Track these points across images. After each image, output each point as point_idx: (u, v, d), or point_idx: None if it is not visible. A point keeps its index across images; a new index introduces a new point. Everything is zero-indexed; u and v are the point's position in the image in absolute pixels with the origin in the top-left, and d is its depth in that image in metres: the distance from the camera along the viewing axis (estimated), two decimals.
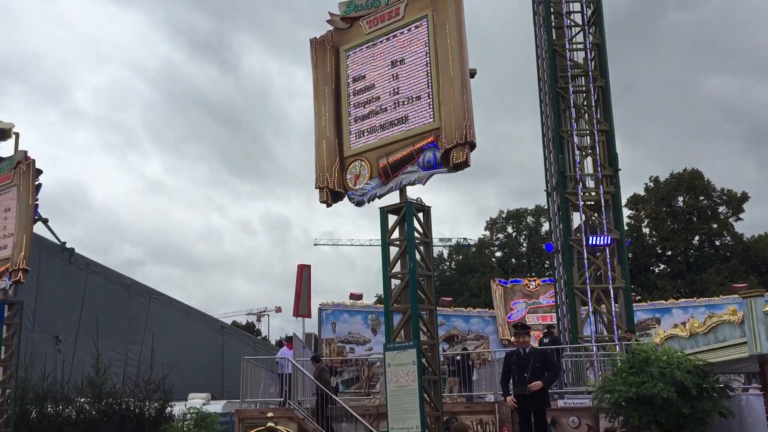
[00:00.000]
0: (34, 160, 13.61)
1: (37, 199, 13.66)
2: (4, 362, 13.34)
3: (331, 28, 9.62)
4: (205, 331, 32.12)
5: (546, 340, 15.80)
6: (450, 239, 55.14)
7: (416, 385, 8.06)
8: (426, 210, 8.85)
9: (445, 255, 54.26)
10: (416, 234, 8.60)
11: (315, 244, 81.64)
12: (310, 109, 9.33)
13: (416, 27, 8.67)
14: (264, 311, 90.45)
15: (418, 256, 8.64)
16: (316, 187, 9.31)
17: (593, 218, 18.12)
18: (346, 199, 9.22)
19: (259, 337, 54.20)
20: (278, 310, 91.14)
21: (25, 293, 15.96)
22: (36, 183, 13.59)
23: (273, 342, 55.95)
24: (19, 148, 14.22)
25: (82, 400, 14.96)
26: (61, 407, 14.87)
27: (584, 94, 18.97)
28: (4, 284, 13.37)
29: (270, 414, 11.00)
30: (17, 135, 14.07)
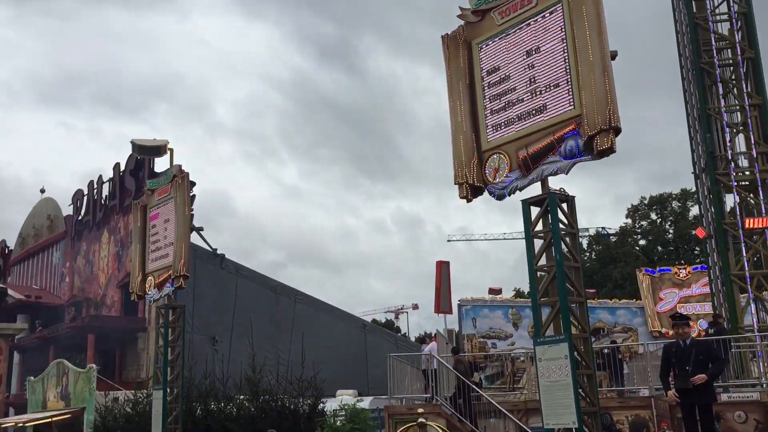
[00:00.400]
0: (188, 173, 14.52)
1: (192, 210, 14.55)
2: (172, 362, 14.31)
3: (461, 22, 9.57)
4: (348, 330, 33.02)
5: (711, 331, 14.92)
6: (587, 229, 53.36)
7: (570, 380, 7.86)
8: (570, 200, 8.60)
9: (584, 245, 52.56)
10: (561, 225, 8.38)
11: (448, 240, 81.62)
12: (436, 107, 9.43)
13: (550, 13, 8.44)
14: (401, 308, 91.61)
15: (564, 248, 8.42)
16: (455, 183, 9.29)
17: (749, 199, 16.91)
18: (485, 193, 9.16)
19: (399, 335, 54.90)
20: (415, 307, 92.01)
21: (183, 298, 17.12)
22: (191, 194, 14.49)
23: (413, 339, 56.53)
24: (174, 163, 15.26)
25: (242, 397, 15.82)
26: (222, 404, 15.80)
27: (731, 68, 17.73)
28: (168, 290, 14.35)
29: (420, 410, 11.13)
30: (171, 150, 15.05)
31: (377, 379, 27.12)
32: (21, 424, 20.31)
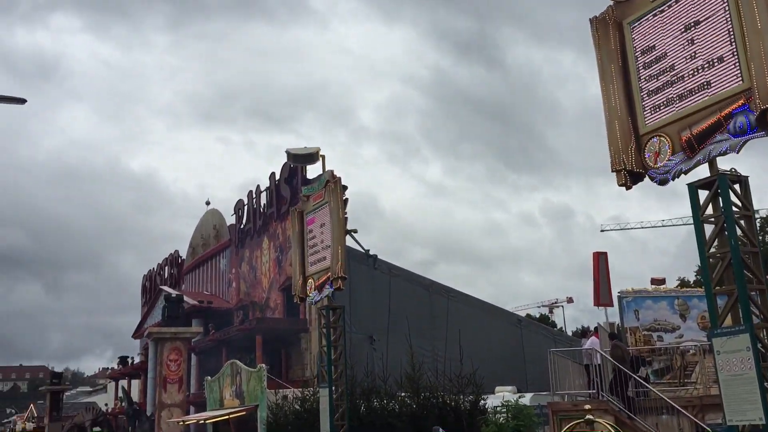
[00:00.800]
0: (340, 178, 14.99)
1: (346, 213, 15.00)
2: (335, 361, 14.83)
3: (609, 3, 9.20)
4: (503, 326, 32.65)
5: None
6: (757, 210, 49.31)
7: (754, 373, 7.30)
8: (743, 180, 8.00)
9: (758, 227, 48.56)
10: (734, 208, 7.82)
11: (602, 231, 78.51)
12: (581, 93, 9.13)
13: None
14: (555, 302, 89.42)
15: (739, 232, 7.84)
16: (612, 171, 8.93)
17: None
18: (645, 179, 8.74)
19: (555, 329, 53.56)
20: (570, 300, 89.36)
21: (340, 299, 17.67)
22: (344, 198, 14.94)
23: (569, 333, 54.95)
24: (325, 169, 15.80)
25: (403, 394, 16.10)
26: (385, 401, 16.16)
27: None
28: (327, 292, 14.89)
29: (587, 406, 10.77)
30: (323, 157, 15.60)
31: (535, 375, 26.62)
32: (202, 421, 21.87)
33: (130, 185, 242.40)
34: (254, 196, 37.96)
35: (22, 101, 18.98)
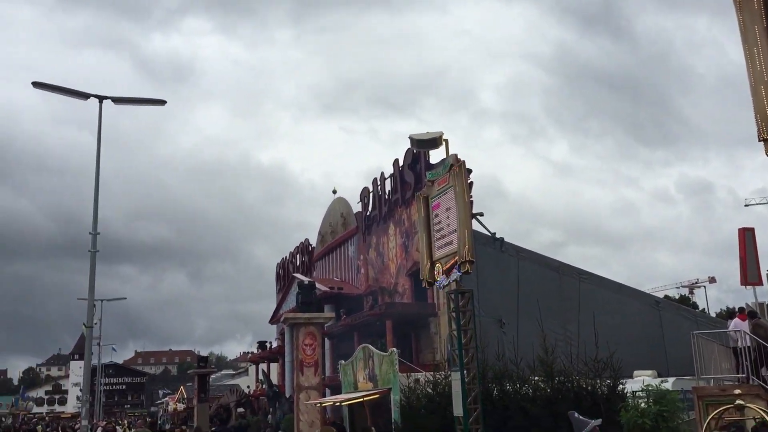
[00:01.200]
0: (464, 162, 14.88)
1: (471, 197, 14.89)
2: (465, 345, 14.79)
3: None
4: (639, 308, 31.31)
5: None
6: None
7: None
8: None
9: None
10: None
11: (746, 205, 73.39)
12: (718, 59, 8.58)
13: None
14: (696, 283, 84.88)
15: None
16: (759, 140, 8.29)
17: None
18: None
19: (697, 311, 50.81)
20: (712, 280, 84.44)
21: (468, 282, 17.57)
22: (468, 182, 14.83)
23: (713, 314, 51.96)
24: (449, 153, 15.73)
25: (536, 378, 15.83)
26: (518, 385, 15.95)
27: None
28: (455, 276, 14.85)
29: (737, 391, 10.15)
30: (446, 141, 15.53)
31: (676, 359, 25.35)
32: (338, 403, 22.56)
33: (261, 178, 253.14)
34: (379, 183, 38.48)
35: (162, 102, 20.21)
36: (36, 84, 18.85)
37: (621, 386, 15.01)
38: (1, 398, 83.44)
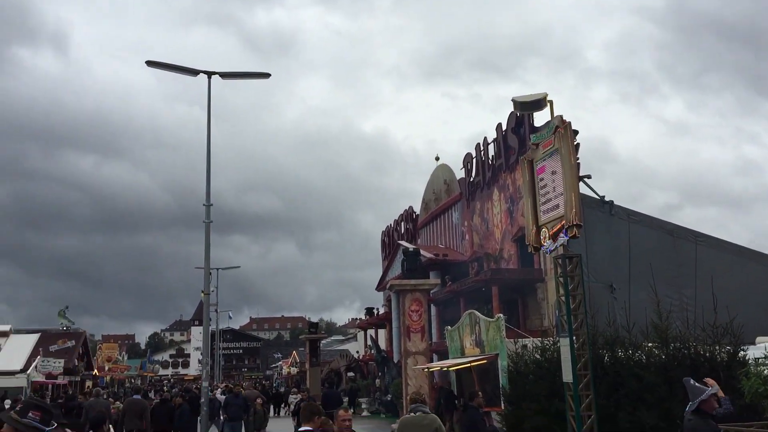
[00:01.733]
0: (569, 123, 14.42)
1: (577, 159, 14.46)
2: (574, 311, 14.51)
3: None
4: (763, 272, 29.61)
5: None
6: None
7: None
8: None
9: None
10: None
11: None
12: None
13: None
14: None
15: None
16: None
17: None
18: None
19: None
20: None
21: (576, 247, 17.14)
22: (575, 143, 14.39)
23: None
24: (553, 115, 15.29)
25: (650, 345, 15.33)
26: (630, 352, 15.50)
27: None
28: (562, 240, 14.53)
29: None
30: (551, 103, 15.09)
31: None
32: (445, 369, 22.75)
33: (364, 147, 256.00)
34: (482, 148, 38.02)
35: (266, 75, 20.70)
36: (149, 63, 19.74)
37: (742, 353, 14.30)
38: (131, 361, 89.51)
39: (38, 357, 46.62)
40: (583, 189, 20.16)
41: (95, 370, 60.24)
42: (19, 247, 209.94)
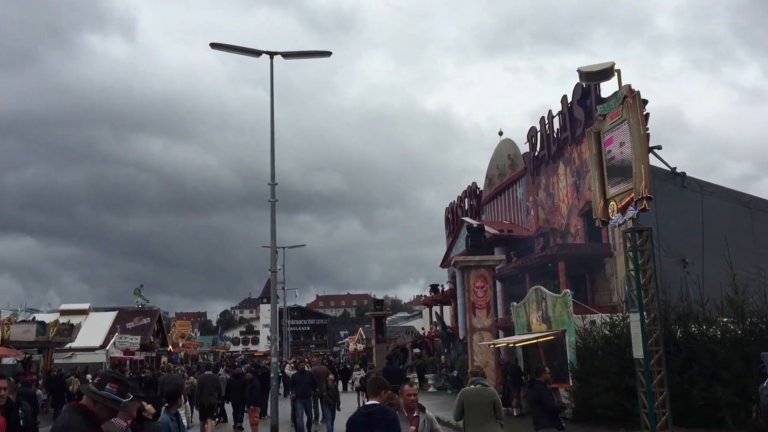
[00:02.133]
0: (638, 92, 13.97)
1: (647, 129, 14.01)
2: (644, 286, 14.14)
3: None
4: None
5: None
6: None
7: None
8: None
9: None
10: None
11: None
12: None
13: None
14: None
15: None
16: None
17: None
18: None
19: None
20: None
21: (646, 220, 16.67)
22: (644, 113, 13.94)
23: None
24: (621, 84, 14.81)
25: (725, 320, 14.86)
26: (704, 327, 15.07)
27: None
28: (631, 214, 14.15)
29: None
30: (618, 72, 14.63)
31: None
32: (511, 345, 22.60)
33: (427, 124, 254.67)
34: (546, 121, 37.29)
35: (328, 54, 20.74)
36: (213, 45, 20.02)
37: None
38: (203, 338, 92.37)
39: (116, 334, 48.61)
40: (653, 161, 19.53)
41: (170, 347, 62.38)
42: (96, 229, 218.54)
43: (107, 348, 45.86)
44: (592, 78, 15.81)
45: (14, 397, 8.33)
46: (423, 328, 59.98)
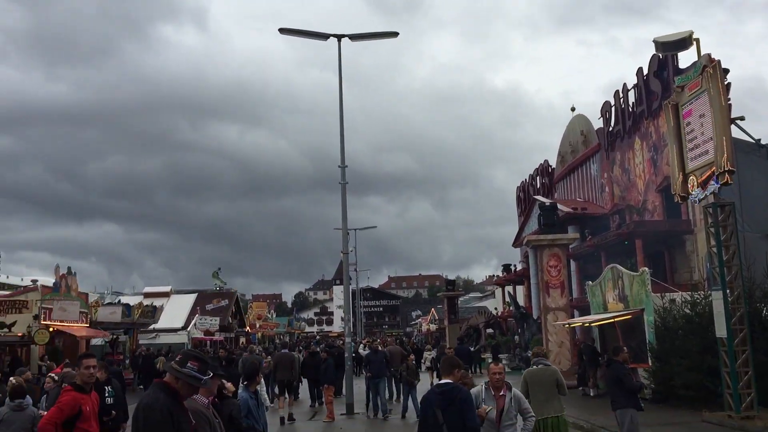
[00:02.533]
0: (719, 61, 13.40)
1: (729, 100, 13.46)
2: (727, 263, 13.64)
3: None
4: None
5: None
6: None
7: None
8: None
9: None
10: None
11: None
12: None
13: None
14: None
15: None
16: None
17: None
18: None
19: None
20: None
21: (728, 194, 16.01)
22: (725, 83, 13.37)
23: None
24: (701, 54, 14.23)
25: None
26: None
27: None
28: (713, 188, 13.65)
29: None
30: (697, 41, 14.07)
31: None
32: (587, 324, 22.20)
33: (496, 101, 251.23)
34: (621, 95, 36.20)
35: (395, 35, 20.70)
36: (282, 30, 20.28)
37: None
38: (279, 319, 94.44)
39: (196, 315, 50.27)
40: (735, 132, 18.66)
41: (247, 327, 64.09)
42: (175, 215, 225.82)
43: (188, 329, 47.47)
44: (669, 48, 15.27)
45: (104, 376, 8.73)
46: (496, 308, 59.60)
